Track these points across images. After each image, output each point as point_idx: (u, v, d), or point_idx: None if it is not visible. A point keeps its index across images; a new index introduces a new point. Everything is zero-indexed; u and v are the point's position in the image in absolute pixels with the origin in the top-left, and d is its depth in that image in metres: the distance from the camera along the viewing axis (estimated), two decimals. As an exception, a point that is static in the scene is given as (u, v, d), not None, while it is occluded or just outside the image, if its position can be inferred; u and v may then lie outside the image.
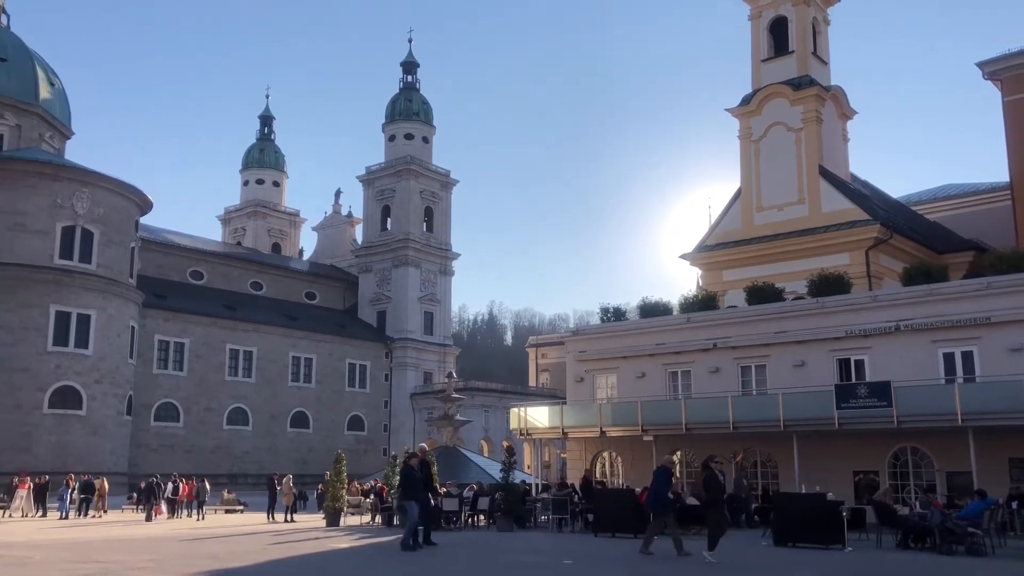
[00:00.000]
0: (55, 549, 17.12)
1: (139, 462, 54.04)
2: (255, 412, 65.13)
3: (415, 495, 16.98)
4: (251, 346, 65.67)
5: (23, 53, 59.54)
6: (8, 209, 48.93)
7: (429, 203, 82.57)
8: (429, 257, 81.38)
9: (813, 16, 39.97)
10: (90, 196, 51.52)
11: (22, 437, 46.35)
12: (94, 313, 50.41)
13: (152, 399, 58.62)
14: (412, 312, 78.74)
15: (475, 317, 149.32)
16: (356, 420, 72.97)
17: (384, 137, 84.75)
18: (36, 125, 58.29)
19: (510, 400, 62.99)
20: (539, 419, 30.17)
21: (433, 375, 78.67)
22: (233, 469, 61.44)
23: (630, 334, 31.39)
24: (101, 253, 51.73)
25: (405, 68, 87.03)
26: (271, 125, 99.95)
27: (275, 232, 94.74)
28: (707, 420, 25.84)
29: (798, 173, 37.19)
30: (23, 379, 47.11)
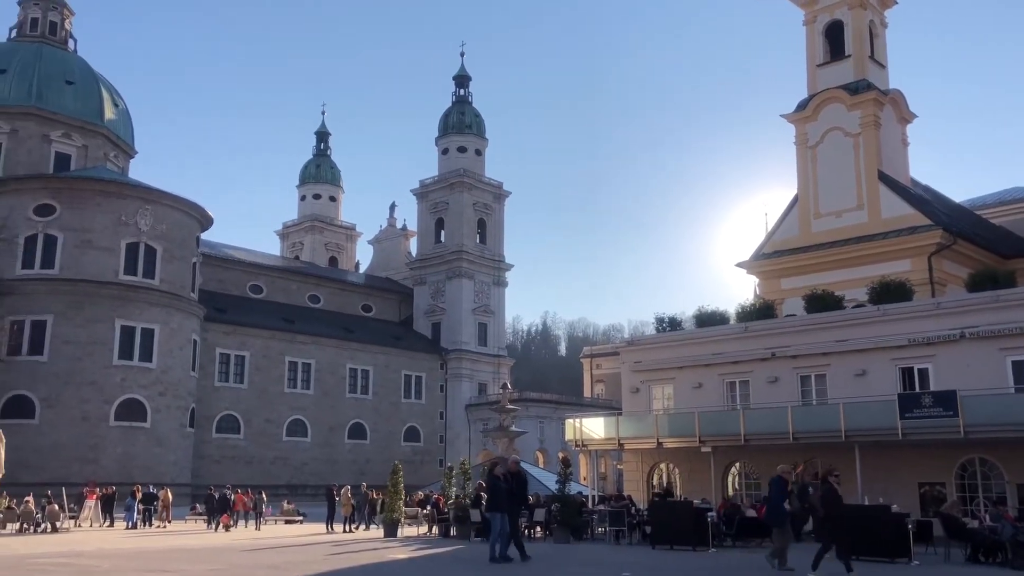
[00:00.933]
0: (122, 558, 17.55)
1: (202, 473, 55.07)
2: (314, 424, 65.98)
3: (500, 507, 16.64)
4: (309, 358, 66.61)
5: (89, 76, 61.57)
6: (75, 227, 50.44)
7: (482, 215, 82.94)
8: (482, 268, 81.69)
9: (870, 19, 39.28)
10: (153, 213, 52.85)
11: (90, 449, 47.58)
12: (157, 327, 51.63)
13: (214, 411, 59.76)
14: (466, 323, 79.07)
15: (529, 328, 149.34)
16: (412, 431, 73.45)
17: (437, 151, 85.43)
18: (101, 145, 60.16)
19: (565, 411, 62.82)
20: (595, 430, 30.01)
21: (487, 386, 78.84)
22: (293, 480, 62.30)
23: (686, 344, 31.09)
24: (164, 268, 53.00)
25: (457, 82, 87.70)
26: (327, 141, 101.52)
27: (332, 246, 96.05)
28: (766, 431, 25.43)
29: (856, 179, 36.51)
30: (90, 392, 48.40)
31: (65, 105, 58.55)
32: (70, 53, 63.12)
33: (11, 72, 57.88)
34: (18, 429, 41.98)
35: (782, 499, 15.49)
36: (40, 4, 62.92)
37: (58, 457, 46.04)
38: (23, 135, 56.83)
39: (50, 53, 60.40)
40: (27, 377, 47.14)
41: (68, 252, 50.11)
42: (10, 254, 47.59)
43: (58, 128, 58.01)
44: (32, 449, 44.32)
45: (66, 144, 58.33)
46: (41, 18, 62.66)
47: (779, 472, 16.18)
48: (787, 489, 15.74)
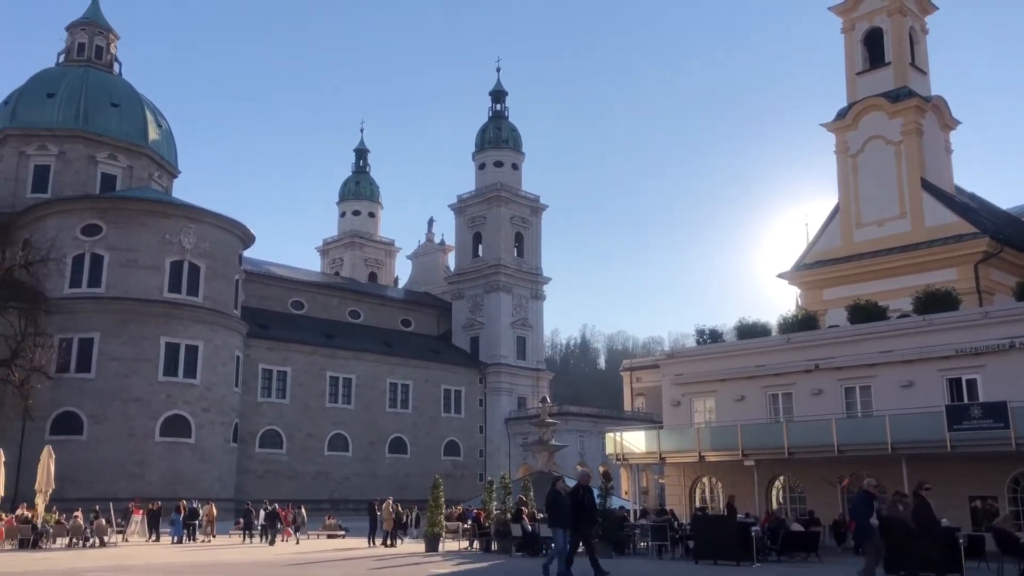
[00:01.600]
0: (168, 573, 17.77)
1: (245, 488, 55.60)
2: (355, 438, 66.38)
3: (563, 522, 16.03)
4: (350, 373, 67.10)
5: (133, 98, 62.91)
6: (121, 246, 51.42)
7: (519, 229, 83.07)
8: (520, 282, 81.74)
9: (910, 25, 38.79)
10: (196, 232, 53.69)
11: (136, 465, 48.29)
12: (201, 344, 52.35)
13: (256, 426, 60.37)
14: (505, 337, 79.12)
15: (567, 341, 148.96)
16: (452, 445, 73.54)
17: (474, 165, 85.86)
18: (146, 166, 61.37)
19: (605, 425, 62.44)
20: (635, 444, 29.83)
21: (527, 400, 78.72)
22: (335, 495, 62.65)
23: (728, 356, 30.81)
24: (207, 286, 53.77)
25: (494, 97, 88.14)
26: (366, 158, 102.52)
27: (371, 262, 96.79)
28: (810, 444, 25.09)
29: (899, 187, 35.99)
30: (136, 409, 49.16)
31: (110, 127, 59.86)
32: (115, 76, 64.57)
33: (59, 96, 59.34)
34: (67, 445, 42.76)
35: (869, 514, 14.85)
36: (87, 29, 64.52)
37: (105, 473, 46.78)
38: (71, 157, 58.19)
39: (96, 77, 61.84)
40: (75, 394, 48.03)
41: (114, 271, 51.06)
42: (58, 274, 48.59)
43: (104, 150, 59.31)
44: (80, 465, 45.08)
45: (112, 165, 59.60)
46: (87, 43, 64.23)
47: (864, 486, 15.45)
48: (873, 504, 15.19)
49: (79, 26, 64.69)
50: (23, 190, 57.03)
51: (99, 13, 66.01)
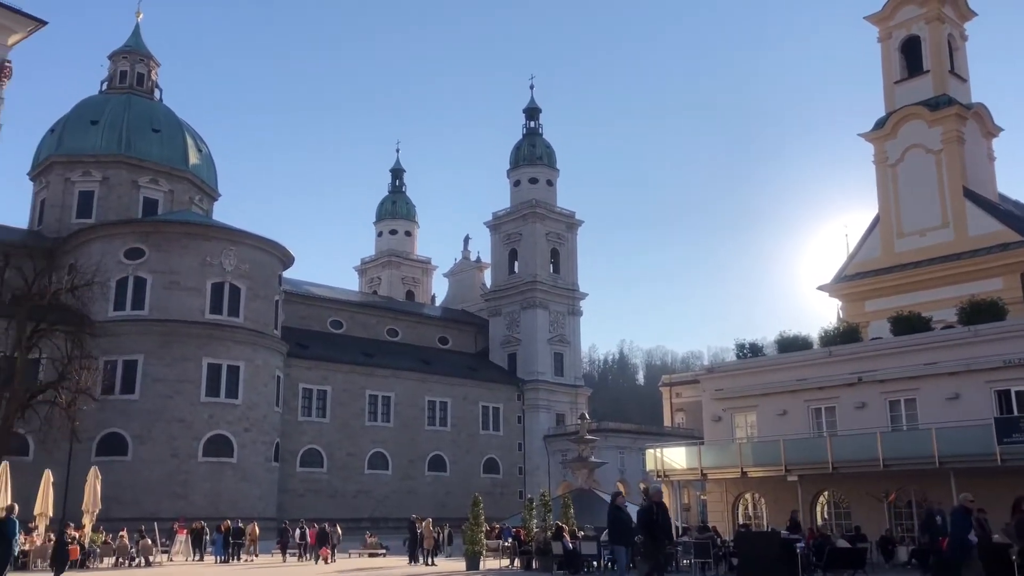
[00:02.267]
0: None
1: (286, 507, 55.89)
2: (394, 456, 66.52)
3: (625, 539, 15.60)
4: (389, 391, 67.34)
5: (174, 124, 64.12)
6: (164, 269, 52.23)
7: (555, 245, 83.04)
8: (557, 298, 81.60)
9: (948, 33, 38.33)
10: (237, 253, 54.39)
11: (179, 485, 48.80)
12: (243, 364, 52.91)
13: (297, 445, 60.76)
14: (542, 354, 78.96)
15: (605, 357, 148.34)
16: (491, 463, 73.41)
17: (509, 183, 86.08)
18: (187, 189, 62.44)
19: (645, 441, 62.00)
20: (676, 460, 29.59)
21: (565, 416, 78.38)
22: (375, 513, 62.76)
23: (768, 370, 30.49)
24: (248, 307, 54.39)
25: (528, 114, 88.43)
26: (402, 177, 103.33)
27: (408, 280, 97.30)
28: (855, 458, 24.69)
29: (940, 196, 35.49)
30: (179, 429, 49.74)
31: (152, 152, 61.04)
32: (156, 102, 65.88)
33: (102, 123, 60.66)
34: (112, 466, 43.39)
35: (967, 531, 14.34)
36: (128, 57, 65.96)
37: (150, 493, 47.31)
38: (114, 182, 59.38)
39: (137, 103, 63.15)
40: (120, 415, 48.72)
41: (157, 293, 51.85)
42: (103, 297, 49.39)
43: (146, 174, 60.46)
44: (126, 485, 45.67)
45: (153, 189, 60.71)
46: (129, 71, 65.63)
47: (961, 502, 15.07)
48: (971, 520, 14.65)
49: (121, 54, 66.17)
50: (68, 216, 58.31)
51: (140, 41, 67.49)
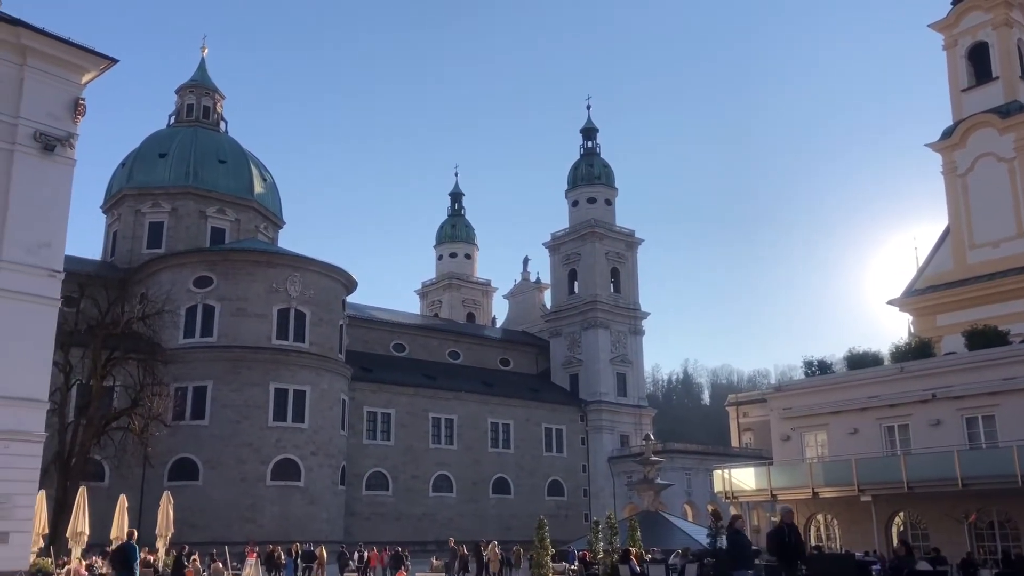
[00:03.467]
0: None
1: (352, 531, 56.32)
2: (458, 479, 66.59)
3: (748, 563, 15.04)
4: (452, 414, 67.54)
5: (239, 154, 65.77)
6: (231, 296, 53.41)
7: (615, 264, 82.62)
8: (618, 318, 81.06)
9: (1017, 37, 37.29)
10: (301, 280, 55.35)
11: (248, 508, 49.58)
12: (309, 389, 53.66)
13: (363, 468, 61.25)
14: (604, 374, 78.41)
15: (669, 376, 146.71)
16: (555, 485, 72.95)
17: (567, 203, 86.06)
18: (252, 218, 63.87)
19: (712, 462, 60.90)
20: (745, 481, 29.05)
21: (630, 438, 77.58)
22: (440, 536, 62.57)
23: (838, 388, 29.79)
24: (313, 332, 55.22)
25: (585, 134, 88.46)
26: (461, 201, 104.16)
27: (469, 302, 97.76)
28: (931, 477, 23.94)
29: (1015, 205, 34.44)
30: (248, 453, 50.61)
31: (218, 183, 62.66)
32: (221, 134, 67.68)
33: (171, 156, 62.51)
34: (184, 490, 44.25)
35: None
36: (194, 91, 67.97)
37: (220, 517, 48.14)
38: (182, 212, 61.07)
39: (204, 135, 64.95)
40: (191, 441, 49.77)
41: (225, 320, 53.00)
42: (173, 325, 50.66)
43: (213, 205, 62.05)
44: (197, 509, 46.54)
45: (220, 219, 62.25)
46: (195, 104, 67.62)
47: None
48: None
49: (187, 88, 68.22)
50: (139, 246, 60.09)
51: (206, 75, 69.50)
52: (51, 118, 23.48)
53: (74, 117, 23.94)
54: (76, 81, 24.47)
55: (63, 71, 24.08)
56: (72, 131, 23.86)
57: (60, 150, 23.38)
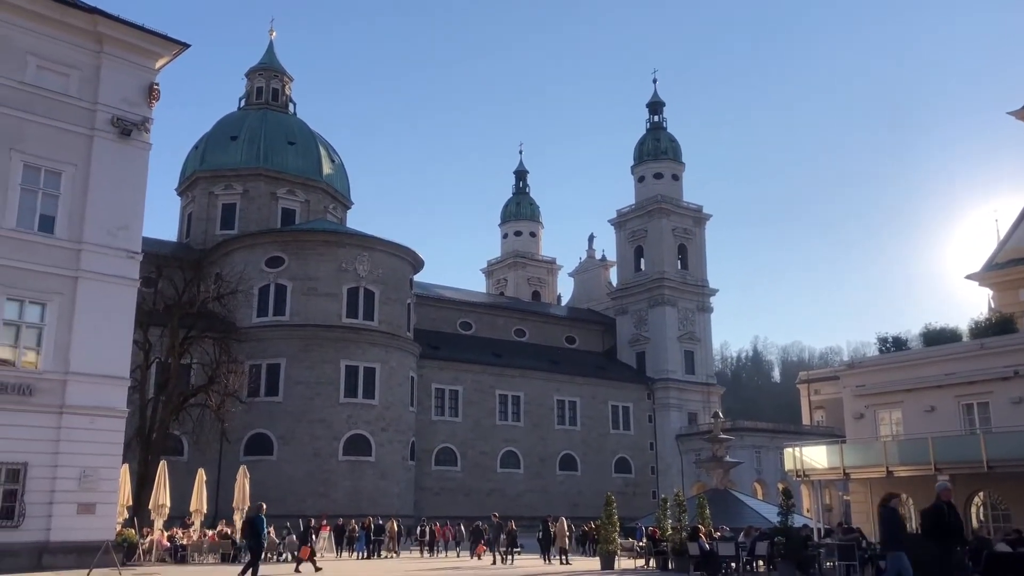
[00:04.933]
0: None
1: (423, 505, 57.21)
2: (526, 455, 67.05)
3: (900, 544, 13.76)
4: (518, 391, 67.93)
5: (308, 136, 66.77)
6: (302, 276, 54.46)
7: (682, 240, 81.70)
8: (685, 295, 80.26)
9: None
10: (370, 259, 56.09)
11: (321, 483, 50.71)
12: (378, 366, 54.51)
13: (432, 444, 62.11)
14: (672, 352, 77.82)
15: (738, 354, 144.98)
16: (622, 462, 72.90)
17: (633, 179, 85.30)
18: (321, 199, 64.89)
19: (782, 440, 60.13)
20: (816, 459, 28.56)
21: (698, 416, 77.01)
22: (508, 511, 63.09)
23: (914, 364, 29.00)
24: (381, 310, 56.01)
25: (651, 108, 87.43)
26: (525, 179, 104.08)
27: (534, 280, 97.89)
28: (1013, 457, 23.19)
29: (1104, 174, 32.84)
30: (320, 429, 51.72)
31: (288, 164, 63.77)
32: (290, 116, 68.76)
33: (242, 138, 63.82)
34: (259, 465, 45.49)
35: None
36: (263, 74, 69.16)
37: (294, 491, 49.33)
38: (253, 194, 62.37)
39: (273, 118, 66.09)
40: (265, 416, 51.07)
41: (297, 299, 54.10)
42: (247, 304, 51.96)
43: (283, 186, 63.21)
44: (272, 484, 47.63)
45: (290, 200, 63.41)
46: (265, 87, 68.82)
47: None
48: None
49: (257, 71, 69.44)
50: (213, 227, 61.59)
51: (274, 58, 70.61)
52: (127, 103, 24.21)
53: (149, 102, 24.62)
54: (150, 67, 25.13)
55: (138, 57, 24.77)
56: (147, 115, 24.56)
57: (136, 134, 24.11)
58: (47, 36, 23.29)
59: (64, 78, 23.44)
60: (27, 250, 21.86)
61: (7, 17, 22.64)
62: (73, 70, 23.60)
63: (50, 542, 20.92)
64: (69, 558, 20.84)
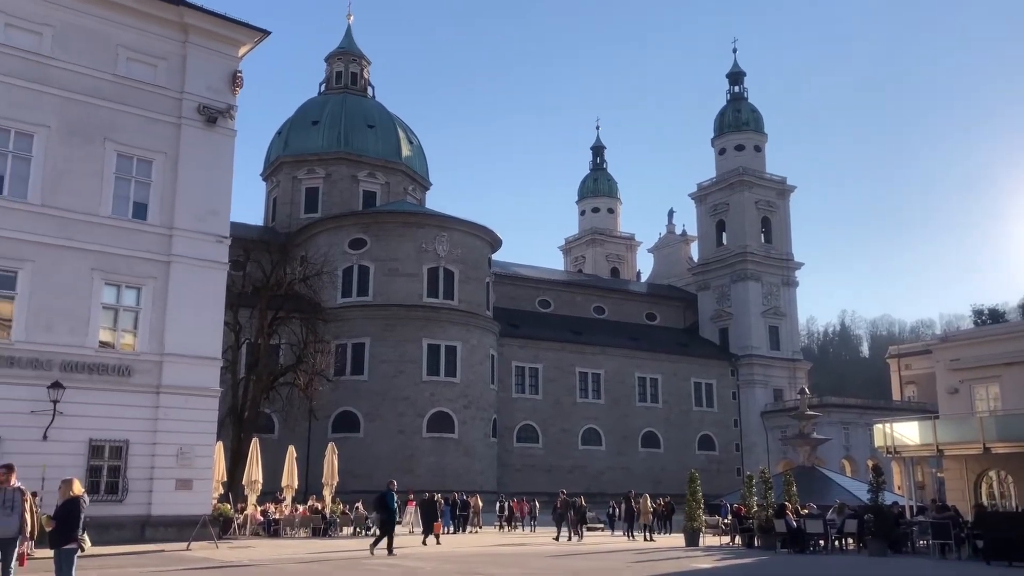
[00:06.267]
0: (441, 561, 18.87)
1: (506, 481, 57.81)
2: (607, 433, 67.01)
3: None
4: (598, 368, 67.84)
5: (386, 119, 67.59)
6: (383, 256, 55.33)
7: (765, 213, 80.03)
8: (769, 269, 78.70)
9: None
10: (449, 239, 56.62)
11: (406, 459, 51.66)
12: (459, 345, 55.13)
13: (513, 422, 62.62)
14: (756, 327, 76.51)
15: (825, 328, 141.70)
16: (706, 439, 72.19)
17: (714, 151, 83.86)
18: (401, 181, 65.71)
19: (872, 416, 58.71)
20: (908, 436, 27.76)
21: (783, 392, 75.67)
22: (590, 488, 63.34)
23: (1013, 337, 27.94)
24: (461, 290, 56.53)
25: (731, 79, 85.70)
26: (602, 155, 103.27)
27: (612, 257, 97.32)
28: (1120, 433, 22.14)
29: None
30: (405, 407, 52.66)
31: (368, 147, 64.71)
32: (369, 99, 69.67)
33: (323, 123, 65.00)
34: (347, 442, 46.57)
35: None
36: (342, 59, 70.19)
37: (380, 467, 50.28)
38: (335, 177, 63.54)
39: (353, 102, 67.08)
40: (352, 394, 52.25)
41: (379, 280, 55.02)
42: (331, 285, 53.09)
43: (364, 169, 64.21)
44: (359, 460, 48.88)
45: (371, 182, 64.39)
46: (344, 71, 69.83)
47: None
48: None
49: (336, 56, 70.50)
50: (297, 211, 63.03)
51: (352, 43, 71.54)
52: (212, 91, 24.91)
53: (233, 89, 25.28)
54: (233, 55, 25.78)
55: (221, 45, 25.44)
56: (232, 103, 25.22)
57: (222, 121, 24.80)
58: (136, 28, 24.09)
59: (152, 69, 24.22)
60: (122, 236, 22.75)
61: (100, 12, 23.49)
62: (161, 60, 24.37)
63: (151, 516, 21.88)
64: (169, 531, 21.77)
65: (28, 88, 22.04)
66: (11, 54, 21.96)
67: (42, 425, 20.42)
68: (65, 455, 20.15)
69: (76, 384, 21.08)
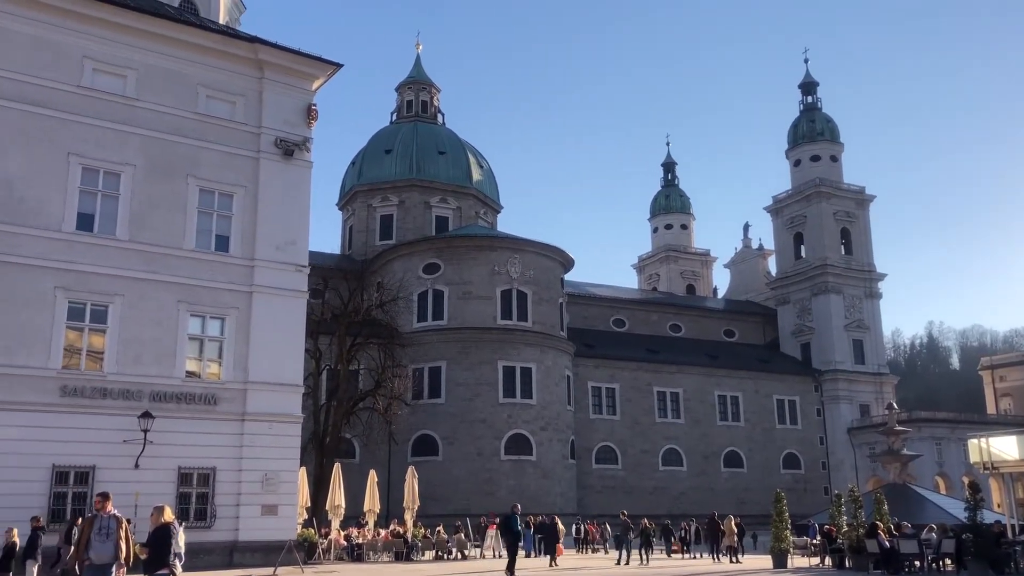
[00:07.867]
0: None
1: (586, 503, 57.31)
2: (688, 453, 65.84)
3: None
4: (676, 387, 66.84)
5: (456, 144, 68.43)
6: (457, 280, 55.76)
7: (844, 224, 78.09)
8: (851, 281, 76.64)
9: None
10: (521, 261, 56.76)
11: (485, 482, 51.67)
12: (534, 366, 55.05)
13: (591, 443, 62.05)
14: (839, 341, 74.48)
15: (912, 341, 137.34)
16: (791, 458, 70.34)
17: (788, 163, 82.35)
18: (472, 205, 66.33)
19: (965, 431, 56.51)
20: (1006, 451, 26.51)
21: (870, 407, 73.34)
22: (673, 509, 62.28)
23: (1115, 345, 26.50)
24: (535, 311, 56.53)
25: (804, 89, 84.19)
26: (674, 171, 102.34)
27: (687, 274, 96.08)
28: None
29: None
30: (482, 429, 52.74)
31: (439, 173, 65.58)
32: (439, 126, 70.67)
33: (395, 151, 66.19)
34: (426, 465, 46.88)
35: None
36: (412, 88, 71.43)
37: (459, 490, 50.55)
38: (408, 204, 64.53)
39: (424, 129, 68.14)
40: (429, 418, 52.60)
41: (453, 304, 55.43)
42: (407, 310, 53.74)
43: (435, 194, 65.05)
44: (438, 483, 49.09)
45: (443, 207, 65.18)
46: (414, 100, 71.05)
47: None
48: None
49: (406, 85, 71.80)
50: (372, 239, 64.14)
51: (422, 71, 72.75)
52: (288, 125, 25.59)
53: (308, 122, 25.92)
54: (307, 88, 26.45)
55: (296, 80, 26.15)
56: (307, 135, 25.87)
57: (298, 154, 25.44)
58: (214, 67, 24.93)
59: (231, 105, 25.00)
60: (206, 268, 23.45)
61: (180, 53, 24.40)
62: (239, 97, 25.15)
63: (238, 541, 22.33)
64: (256, 556, 22.17)
65: (115, 129, 22.99)
66: (98, 97, 22.94)
67: (134, 454, 21.06)
68: (156, 483, 20.75)
69: (165, 413, 21.71)
